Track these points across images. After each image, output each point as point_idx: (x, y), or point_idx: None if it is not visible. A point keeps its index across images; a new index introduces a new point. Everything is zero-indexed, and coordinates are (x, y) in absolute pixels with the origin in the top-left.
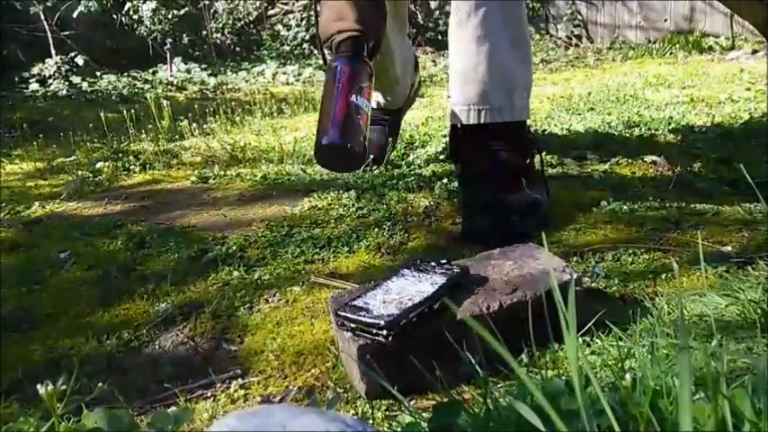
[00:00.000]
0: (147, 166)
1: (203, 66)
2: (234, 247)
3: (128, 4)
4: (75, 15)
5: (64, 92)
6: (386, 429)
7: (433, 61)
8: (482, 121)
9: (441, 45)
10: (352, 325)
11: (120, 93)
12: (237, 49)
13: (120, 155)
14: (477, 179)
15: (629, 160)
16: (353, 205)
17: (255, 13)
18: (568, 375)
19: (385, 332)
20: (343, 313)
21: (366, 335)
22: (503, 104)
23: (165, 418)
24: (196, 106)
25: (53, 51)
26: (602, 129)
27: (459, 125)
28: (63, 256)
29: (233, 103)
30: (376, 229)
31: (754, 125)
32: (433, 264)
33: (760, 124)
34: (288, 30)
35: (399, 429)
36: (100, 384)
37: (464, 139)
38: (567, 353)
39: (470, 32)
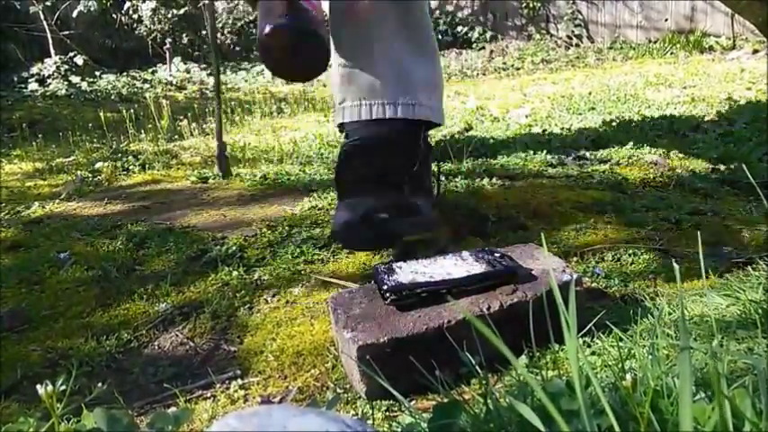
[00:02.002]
0: (147, 166)
1: (203, 65)
2: (233, 248)
3: (127, 4)
4: (74, 15)
5: (63, 91)
6: (386, 430)
7: None
8: (373, 116)
9: (439, 45)
10: (374, 280)
11: (119, 92)
12: (237, 48)
13: (120, 155)
14: (354, 179)
15: (630, 160)
16: None
17: (256, 13)
18: (569, 376)
19: (387, 294)
20: (377, 269)
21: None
22: (397, 100)
23: (164, 419)
24: (195, 106)
25: (52, 51)
26: (602, 128)
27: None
28: (62, 257)
29: (232, 103)
30: None
31: (755, 125)
32: (497, 255)
33: (760, 124)
34: None
35: (399, 430)
36: (99, 385)
37: (350, 135)
38: (568, 353)
39: (363, 28)
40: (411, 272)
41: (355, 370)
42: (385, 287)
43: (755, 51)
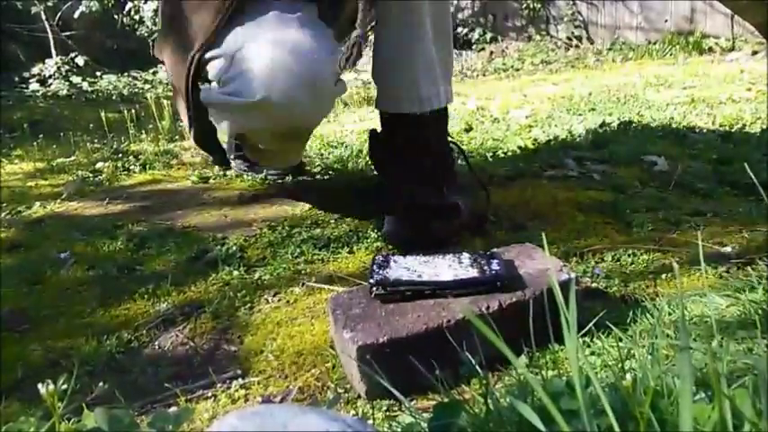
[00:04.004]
0: (148, 166)
1: None
2: (234, 248)
3: (129, 5)
4: (75, 16)
5: (64, 92)
6: (386, 429)
7: None
8: (415, 110)
9: None
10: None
11: (120, 93)
12: None
13: (121, 155)
14: (401, 182)
15: (630, 160)
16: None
17: None
18: (569, 375)
19: (373, 288)
20: (375, 259)
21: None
22: (430, 93)
23: (165, 418)
24: None
25: (53, 51)
26: (602, 129)
27: (379, 129)
28: (63, 257)
29: None
30: (376, 230)
31: (754, 126)
32: (494, 261)
33: (760, 125)
34: None
35: (400, 429)
36: (100, 384)
37: (389, 136)
38: (568, 352)
39: (399, 20)
40: (404, 268)
41: (355, 370)
42: (372, 280)
43: (755, 53)
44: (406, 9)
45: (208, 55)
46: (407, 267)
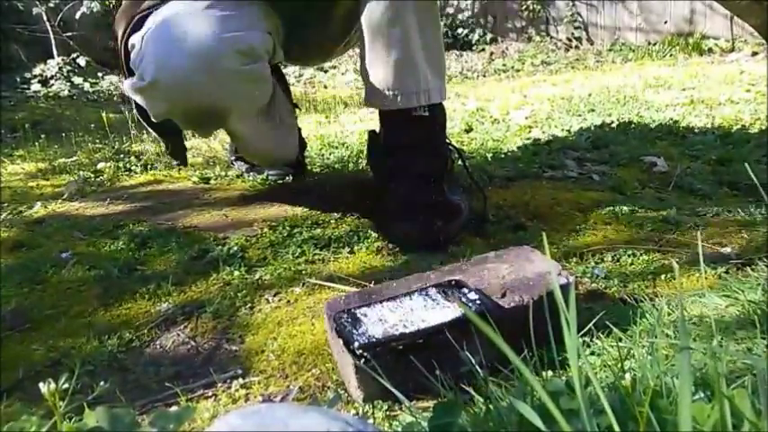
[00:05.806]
0: (149, 166)
1: None
2: (235, 248)
3: None
4: (77, 16)
5: (66, 92)
6: (386, 429)
7: None
8: (400, 106)
9: None
10: (339, 334)
11: (121, 93)
12: None
13: (122, 155)
14: (402, 181)
15: (629, 161)
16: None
17: None
18: (568, 376)
19: (359, 351)
20: (339, 319)
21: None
22: (418, 89)
23: (166, 418)
24: None
25: (55, 52)
26: (602, 130)
27: (376, 130)
28: (65, 256)
29: None
30: (377, 230)
31: (754, 127)
32: (464, 291)
33: (759, 126)
34: None
35: (400, 429)
36: (102, 383)
37: (388, 135)
38: (568, 353)
39: (381, 15)
40: (379, 320)
41: (352, 377)
42: (356, 344)
43: (755, 53)
44: (390, 6)
45: (130, 42)
46: (383, 318)
